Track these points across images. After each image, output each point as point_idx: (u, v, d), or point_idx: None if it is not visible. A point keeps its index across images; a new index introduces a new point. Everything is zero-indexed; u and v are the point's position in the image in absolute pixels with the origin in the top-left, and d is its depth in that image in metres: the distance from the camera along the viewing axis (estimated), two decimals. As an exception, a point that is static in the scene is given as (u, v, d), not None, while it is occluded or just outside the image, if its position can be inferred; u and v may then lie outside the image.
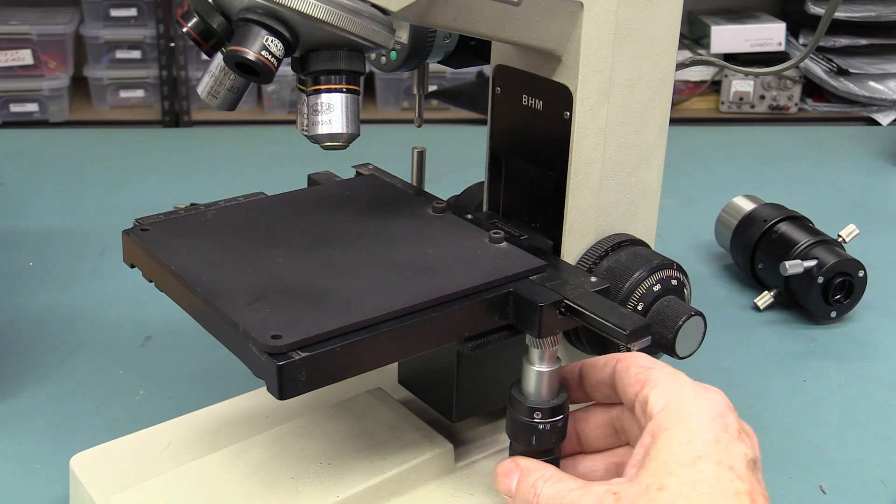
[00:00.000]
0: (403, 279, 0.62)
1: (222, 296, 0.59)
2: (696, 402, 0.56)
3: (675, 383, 0.57)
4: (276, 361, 0.53)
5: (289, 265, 0.64)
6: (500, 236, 0.68)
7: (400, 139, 1.52)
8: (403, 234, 0.69)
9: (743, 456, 0.53)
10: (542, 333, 0.61)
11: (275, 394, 0.54)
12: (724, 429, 0.54)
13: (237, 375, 0.66)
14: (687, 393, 0.56)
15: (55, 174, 1.42)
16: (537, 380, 0.62)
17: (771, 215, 1.09)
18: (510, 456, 0.65)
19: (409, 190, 0.78)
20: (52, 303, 1.04)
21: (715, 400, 0.56)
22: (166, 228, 0.69)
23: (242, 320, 0.56)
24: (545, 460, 0.63)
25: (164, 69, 2.29)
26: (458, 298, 0.61)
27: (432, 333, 0.59)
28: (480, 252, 0.66)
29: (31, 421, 0.84)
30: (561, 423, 0.63)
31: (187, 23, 0.59)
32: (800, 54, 0.94)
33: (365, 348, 0.56)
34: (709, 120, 2.37)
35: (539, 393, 0.63)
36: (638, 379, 0.59)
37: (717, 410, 0.55)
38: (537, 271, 0.65)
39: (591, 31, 0.66)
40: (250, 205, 0.74)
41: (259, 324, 0.56)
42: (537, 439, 0.62)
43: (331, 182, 0.80)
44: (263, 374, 0.54)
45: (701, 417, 0.55)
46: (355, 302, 0.59)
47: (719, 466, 0.52)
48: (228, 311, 0.58)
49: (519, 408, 0.63)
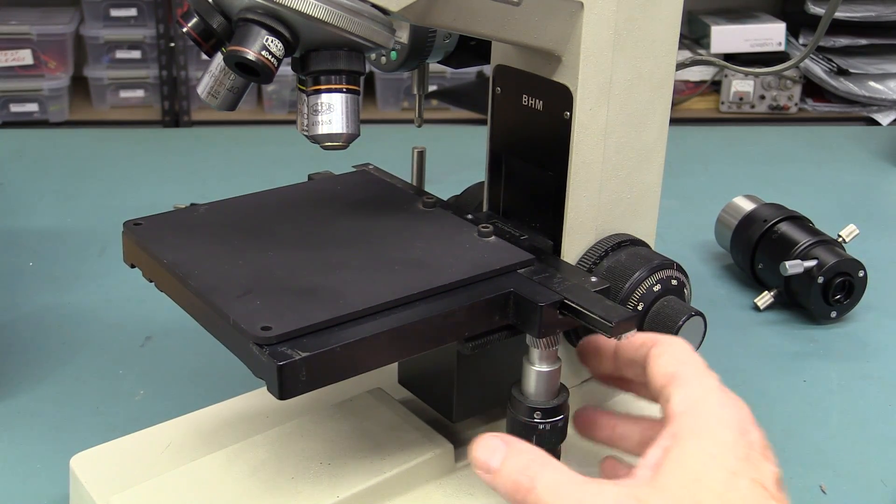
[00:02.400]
0: (393, 272, 0.63)
1: (213, 289, 0.60)
2: (721, 413, 0.53)
3: (700, 386, 0.55)
4: (276, 362, 0.53)
5: (280, 259, 0.64)
6: (488, 230, 0.68)
7: (400, 139, 1.51)
8: (393, 229, 0.70)
9: (773, 475, 0.52)
10: (542, 333, 0.61)
11: (275, 394, 0.54)
12: (751, 446, 0.52)
13: (237, 375, 0.66)
14: (711, 400, 0.54)
15: (55, 174, 1.41)
16: (537, 380, 0.62)
17: (771, 215, 1.09)
18: None
19: (409, 190, 0.78)
20: (52, 303, 1.04)
21: (740, 411, 0.54)
22: (160, 224, 0.69)
23: (233, 312, 0.57)
24: None
25: (164, 69, 2.29)
26: (448, 291, 0.61)
27: (432, 333, 0.60)
28: (469, 246, 0.67)
29: (31, 421, 0.84)
30: (561, 423, 0.63)
31: (187, 23, 0.59)
32: (800, 54, 0.94)
33: (365, 348, 0.57)
34: (709, 120, 2.37)
35: (539, 393, 0.63)
36: (667, 372, 0.56)
37: (742, 424, 0.53)
38: (526, 264, 0.65)
39: (591, 31, 0.66)
40: (243, 200, 0.74)
41: (249, 316, 0.56)
42: (537, 439, 0.62)
43: (323, 178, 0.80)
44: (263, 374, 0.54)
45: (728, 430, 0.52)
46: (345, 294, 0.59)
47: (754, 484, 0.50)
48: (219, 304, 0.58)
49: (519, 408, 0.63)
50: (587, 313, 0.60)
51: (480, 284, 0.63)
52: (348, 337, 0.56)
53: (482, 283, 0.63)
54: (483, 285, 0.63)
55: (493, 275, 0.64)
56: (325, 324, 0.56)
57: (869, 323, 1.04)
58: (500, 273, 0.64)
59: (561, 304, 0.61)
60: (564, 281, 0.63)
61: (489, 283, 0.63)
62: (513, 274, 0.64)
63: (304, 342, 0.55)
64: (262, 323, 0.55)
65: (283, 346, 0.55)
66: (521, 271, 0.65)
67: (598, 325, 0.60)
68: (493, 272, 0.64)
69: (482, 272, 0.63)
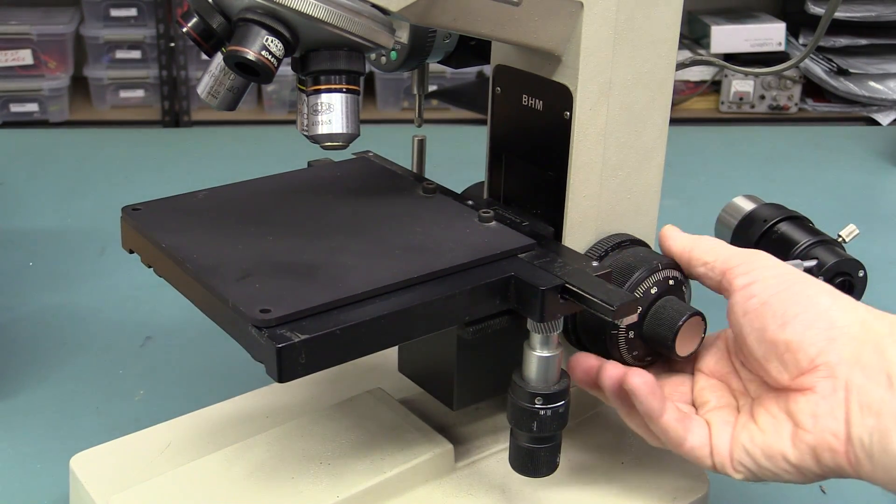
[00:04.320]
0: (392, 256, 0.62)
1: (212, 272, 0.60)
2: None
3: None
4: (275, 344, 0.53)
5: (279, 243, 0.64)
6: (489, 216, 0.68)
7: (400, 139, 1.51)
8: (393, 214, 0.70)
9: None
10: (544, 318, 0.61)
11: (274, 376, 0.53)
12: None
13: (237, 375, 0.67)
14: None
15: (55, 174, 1.42)
16: (538, 365, 0.62)
17: (771, 215, 1.09)
18: (511, 440, 0.64)
19: (409, 176, 0.78)
20: (52, 303, 1.04)
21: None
22: (158, 209, 0.69)
23: (231, 295, 0.56)
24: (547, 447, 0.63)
25: (164, 69, 2.29)
26: (448, 275, 0.61)
27: (432, 317, 0.59)
28: (470, 231, 0.67)
29: (31, 421, 0.84)
30: (562, 408, 0.63)
31: (187, 23, 0.59)
32: (800, 54, 0.94)
33: (364, 331, 0.56)
34: (709, 120, 2.37)
35: (540, 378, 0.62)
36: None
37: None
38: (526, 249, 0.65)
39: (591, 31, 0.66)
40: (242, 186, 0.74)
41: (248, 298, 0.56)
42: (538, 425, 0.62)
43: (323, 164, 0.80)
44: (262, 356, 0.54)
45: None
46: (344, 278, 0.59)
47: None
48: (218, 287, 0.58)
49: (520, 393, 0.62)
50: (589, 297, 0.60)
51: (481, 269, 0.62)
52: (348, 320, 0.56)
53: (483, 267, 0.63)
54: (484, 269, 0.62)
55: (493, 259, 0.63)
56: (324, 306, 0.56)
57: (869, 323, 1.04)
58: (501, 257, 0.64)
59: (562, 288, 0.61)
60: (565, 265, 0.63)
61: (490, 268, 0.63)
62: (514, 258, 0.64)
63: (303, 325, 0.55)
64: (261, 305, 0.55)
65: (283, 328, 0.54)
66: (522, 256, 0.65)
67: (599, 309, 0.59)
68: (493, 256, 0.63)
69: (483, 256, 0.63)
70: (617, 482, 0.70)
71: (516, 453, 0.64)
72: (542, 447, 0.64)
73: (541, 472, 0.64)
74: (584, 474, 0.71)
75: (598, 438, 0.74)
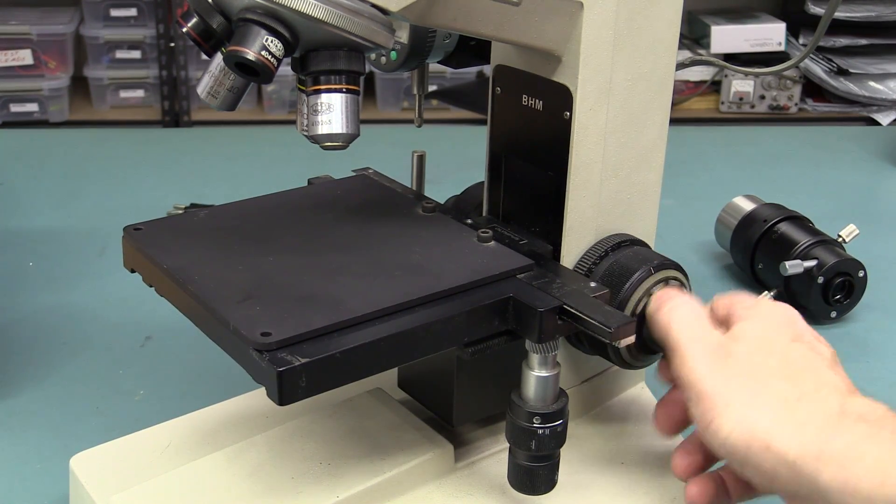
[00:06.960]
0: (392, 278, 0.63)
1: (213, 294, 0.60)
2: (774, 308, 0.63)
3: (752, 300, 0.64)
4: (276, 367, 0.53)
5: (280, 264, 0.64)
6: (488, 235, 0.68)
7: (400, 139, 1.52)
8: (393, 234, 0.70)
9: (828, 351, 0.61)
10: (542, 339, 0.61)
11: (275, 399, 0.54)
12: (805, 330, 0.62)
13: (237, 375, 0.66)
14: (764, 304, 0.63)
15: (55, 174, 1.42)
16: (537, 385, 0.62)
17: (771, 215, 1.09)
18: (509, 458, 0.65)
19: (408, 194, 0.78)
20: (52, 303, 1.04)
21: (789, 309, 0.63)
22: (159, 228, 0.69)
23: (232, 318, 0.57)
24: (545, 466, 0.63)
25: (164, 69, 2.29)
26: (447, 296, 0.61)
27: (432, 339, 0.60)
28: (469, 251, 0.67)
29: (31, 421, 0.84)
30: (560, 427, 0.63)
31: (187, 23, 0.59)
32: (800, 54, 0.94)
33: (364, 354, 0.56)
34: (709, 120, 2.37)
35: (538, 398, 0.63)
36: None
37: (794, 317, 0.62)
38: (525, 270, 0.65)
39: (591, 31, 0.66)
40: (242, 205, 0.74)
41: (249, 321, 0.56)
42: (537, 444, 0.62)
43: (323, 182, 0.80)
44: (263, 380, 0.54)
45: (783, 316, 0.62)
46: (344, 300, 0.59)
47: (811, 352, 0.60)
48: (219, 309, 0.58)
49: (518, 413, 0.63)
50: (586, 319, 0.60)
51: (480, 290, 0.63)
52: (348, 343, 0.56)
53: (482, 288, 0.63)
54: (482, 291, 0.63)
55: (492, 280, 0.64)
56: (324, 329, 0.56)
57: (869, 323, 1.04)
58: (500, 278, 0.64)
59: (560, 309, 0.61)
60: (563, 286, 0.63)
61: (489, 289, 0.63)
62: (512, 279, 0.64)
63: (303, 348, 0.55)
64: (261, 328, 0.55)
65: (283, 351, 0.54)
66: (521, 276, 0.65)
67: (597, 331, 0.60)
68: (492, 277, 0.64)
69: (482, 277, 0.63)
70: (617, 482, 0.70)
71: (515, 471, 0.65)
72: (541, 465, 0.64)
73: (539, 490, 0.65)
74: (585, 474, 0.71)
75: (598, 439, 0.74)
